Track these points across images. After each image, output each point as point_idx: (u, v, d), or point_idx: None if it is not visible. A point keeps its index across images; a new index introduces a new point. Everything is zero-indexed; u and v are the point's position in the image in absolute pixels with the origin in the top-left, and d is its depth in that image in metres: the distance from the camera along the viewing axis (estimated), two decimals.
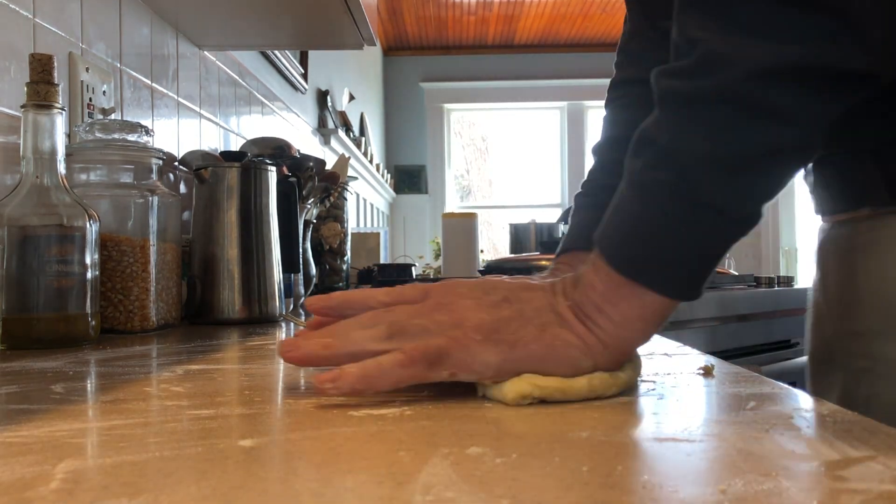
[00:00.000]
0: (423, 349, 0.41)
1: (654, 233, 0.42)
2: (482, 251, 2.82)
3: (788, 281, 2.09)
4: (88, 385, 0.49)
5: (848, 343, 0.60)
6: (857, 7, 0.39)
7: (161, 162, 0.88)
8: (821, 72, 0.39)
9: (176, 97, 1.38)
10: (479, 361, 0.41)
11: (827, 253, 0.63)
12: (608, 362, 0.43)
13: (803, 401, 0.40)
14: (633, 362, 0.45)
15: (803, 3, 0.39)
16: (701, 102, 0.41)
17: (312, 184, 1.35)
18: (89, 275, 0.71)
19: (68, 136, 0.95)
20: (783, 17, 0.39)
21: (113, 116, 1.08)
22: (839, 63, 0.39)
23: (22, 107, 0.69)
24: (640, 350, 0.53)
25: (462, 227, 2.06)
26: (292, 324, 0.99)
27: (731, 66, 0.39)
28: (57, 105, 0.70)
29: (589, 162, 0.75)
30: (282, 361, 0.62)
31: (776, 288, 1.98)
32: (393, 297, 0.47)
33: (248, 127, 1.82)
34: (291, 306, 1.20)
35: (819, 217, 0.66)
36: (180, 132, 1.40)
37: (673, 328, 1.52)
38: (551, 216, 4.74)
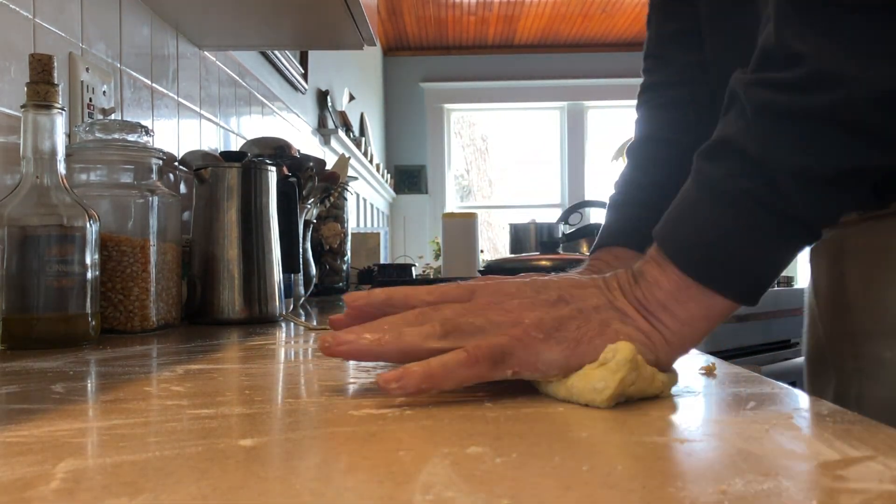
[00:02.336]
0: (488, 348, 0.41)
1: (732, 241, 0.42)
2: (482, 251, 2.82)
3: (788, 281, 2.10)
4: (88, 385, 0.49)
5: (839, 344, 0.60)
6: None
7: (161, 162, 0.88)
8: None
9: (176, 97, 1.38)
10: (542, 360, 0.41)
11: (819, 257, 0.64)
12: (668, 359, 0.43)
13: (803, 401, 0.40)
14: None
15: None
16: (805, 119, 0.40)
17: (312, 184, 1.35)
18: (89, 275, 0.71)
19: (68, 136, 0.95)
20: None
21: (113, 116, 1.08)
22: None
23: (22, 107, 0.69)
24: None
25: (462, 227, 2.07)
26: (293, 324, 0.99)
27: (848, 87, 0.39)
28: (57, 105, 0.70)
29: (588, 162, 0.77)
30: (282, 361, 0.62)
31: (776, 288, 1.98)
32: (437, 296, 0.46)
33: (248, 127, 1.82)
34: (291, 306, 1.20)
35: None
36: (180, 132, 1.40)
37: None
38: (551, 216, 4.74)
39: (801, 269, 5.10)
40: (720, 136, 0.44)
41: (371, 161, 3.80)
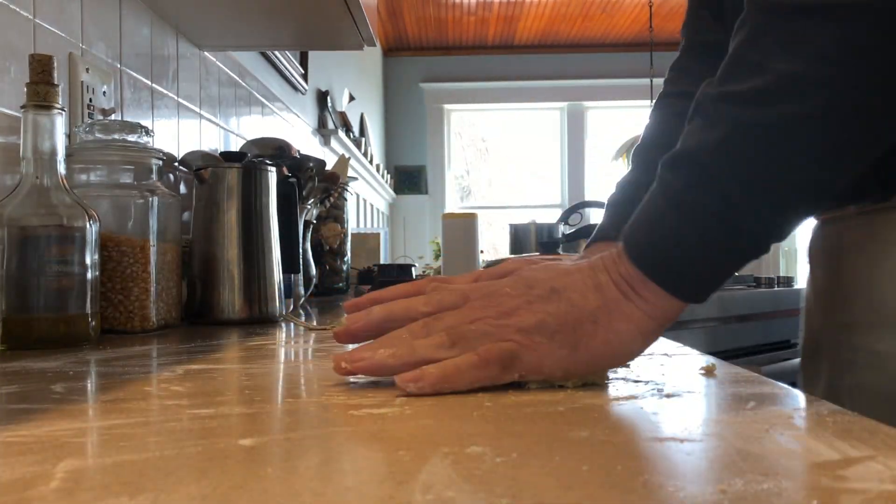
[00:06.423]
0: (498, 352, 0.44)
1: (686, 249, 0.44)
2: (482, 251, 2.82)
3: (788, 281, 2.09)
4: (88, 385, 0.49)
5: (834, 336, 0.61)
6: None
7: (161, 162, 0.88)
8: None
9: (176, 98, 1.38)
10: (548, 365, 0.44)
11: (816, 250, 0.66)
12: (654, 334, 0.45)
13: (803, 401, 0.40)
14: None
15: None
16: (762, 130, 0.42)
17: (312, 184, 1.35)
18: (89, 275, 0.71)
19: (68, 136, 0.95)
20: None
21: (113, 117, 1.08)
22: None
23: (22, 107, 0.69)
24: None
25: (462, 228, 2.06)
26: (293, 324, 0.99)
27: (819, 93, 0.41)
28: (57, 105, 0.69)
29: (588, 162, 0.78)
30: (282, 361, 0.62)
31: (776, 288, 1.98)
32: (433, 307, 0.48)
33: (248, 127, 1.82)
34: (291, 307, 1.20)
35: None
36: (180, 133, 1.40)
37: (673, 328, 1.52)
38: (551, 216, 4.74)
39: (800, 270, 5.10)
40: (683, 147, 0.45)
41: (371, 161, 3.80)
